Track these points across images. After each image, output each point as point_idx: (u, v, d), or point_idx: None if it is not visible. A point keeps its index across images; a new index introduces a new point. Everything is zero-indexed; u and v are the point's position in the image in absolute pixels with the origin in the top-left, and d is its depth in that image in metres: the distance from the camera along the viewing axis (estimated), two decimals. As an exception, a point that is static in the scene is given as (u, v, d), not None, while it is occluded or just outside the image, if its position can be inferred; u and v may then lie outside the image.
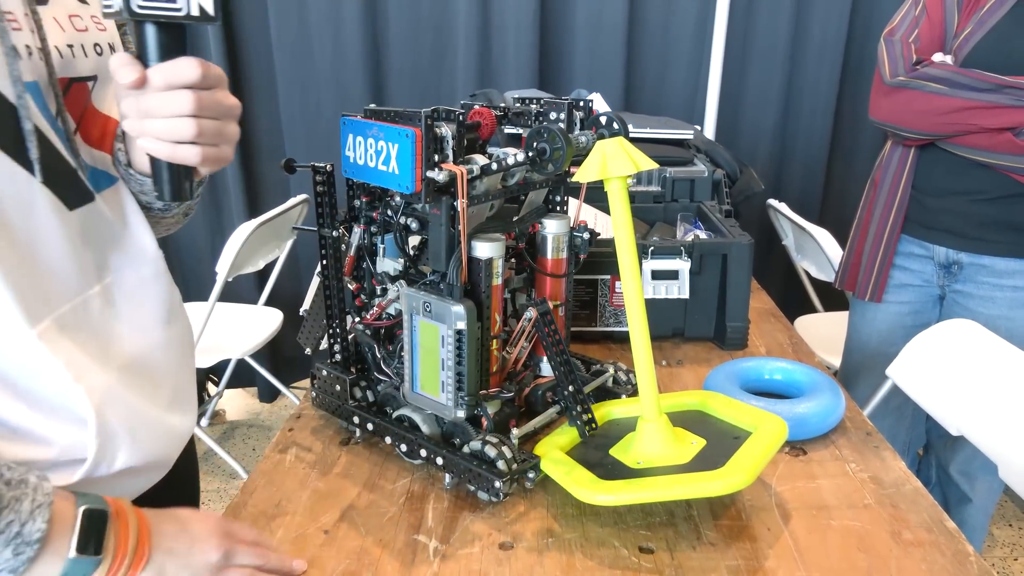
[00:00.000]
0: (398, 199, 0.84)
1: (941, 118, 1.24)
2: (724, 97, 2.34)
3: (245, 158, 2.38)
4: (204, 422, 2.56)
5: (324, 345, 0.98)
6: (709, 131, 2.37)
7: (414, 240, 0.86)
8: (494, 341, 0.84)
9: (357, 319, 0.92)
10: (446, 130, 0.76)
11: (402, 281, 0.86)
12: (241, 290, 2.51)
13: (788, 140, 2.41)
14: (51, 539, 0.53)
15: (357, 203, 0.89)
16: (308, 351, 1.03)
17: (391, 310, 0.89)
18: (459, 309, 0.77)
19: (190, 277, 2.51)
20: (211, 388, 2.66)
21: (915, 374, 1.23)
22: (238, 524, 0.71)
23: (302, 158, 2.31)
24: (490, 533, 0.77)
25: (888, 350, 1.42)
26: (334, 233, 0.89)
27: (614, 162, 0.73)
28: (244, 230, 1.82)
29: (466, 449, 0.81)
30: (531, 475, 0.80)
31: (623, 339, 1.25)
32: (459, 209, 0.76)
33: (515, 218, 0.90)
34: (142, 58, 0.58)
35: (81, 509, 0.55)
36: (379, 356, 0.90)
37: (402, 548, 0.75)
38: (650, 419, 0.80)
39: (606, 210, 1.41)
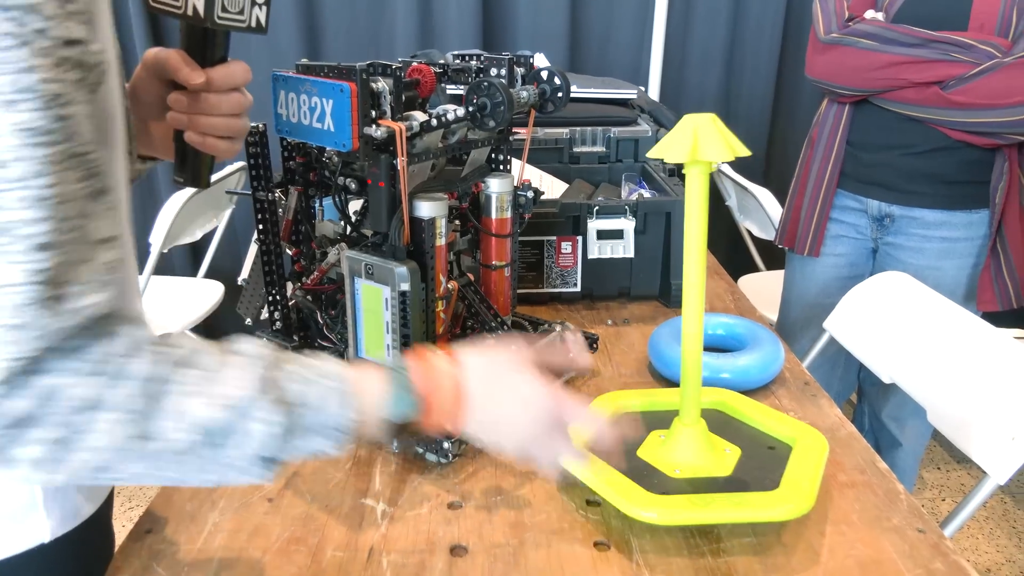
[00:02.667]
0: (335, 159, 0.81)
1: (872, 73, 1.26)
2: (668, 58, 2.35)
3: (177, 124, 2.29)
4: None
5: (265, 314, 0.96)
6: (653, 92, 2.37)
7: (355, 203, 0.84)
8: (440, 302, 0.83)
9: (297, 285, 0.90)
10: (383, 85, 0.74)
11: (342, 244, 0.84)
12: (178, 263, 2.43)
13: (731, 101, 2.44)
14: (362, 427, 0.54)
15: (292, 164, 0.86)
16: (248, 321, 1.00)
17: (332, 274, 0.88)
18: (402, 270, 0.76)
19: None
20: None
21: (850, 326, 1.27)
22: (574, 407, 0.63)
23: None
24: (439, 494, 0.77)
25: (825, 301, 1.47)
26: (269, 196, 0.86)
27: (708, 145, 0.64)
28: (178, 199, 1.76)
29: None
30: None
31: (570, 300, 1.25)
32: (399, 167, 0.74)
33: (459, 178, 0.89)
34: (201, 59, 0.64)
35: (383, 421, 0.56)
36: (322, 322, 0.88)
37: (349, 512, 0.74)
38: (688, 423, 0.76)
39: (550, 171, 1.40)
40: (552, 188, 1.38)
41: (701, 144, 0.65)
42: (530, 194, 0.91)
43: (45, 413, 0.43)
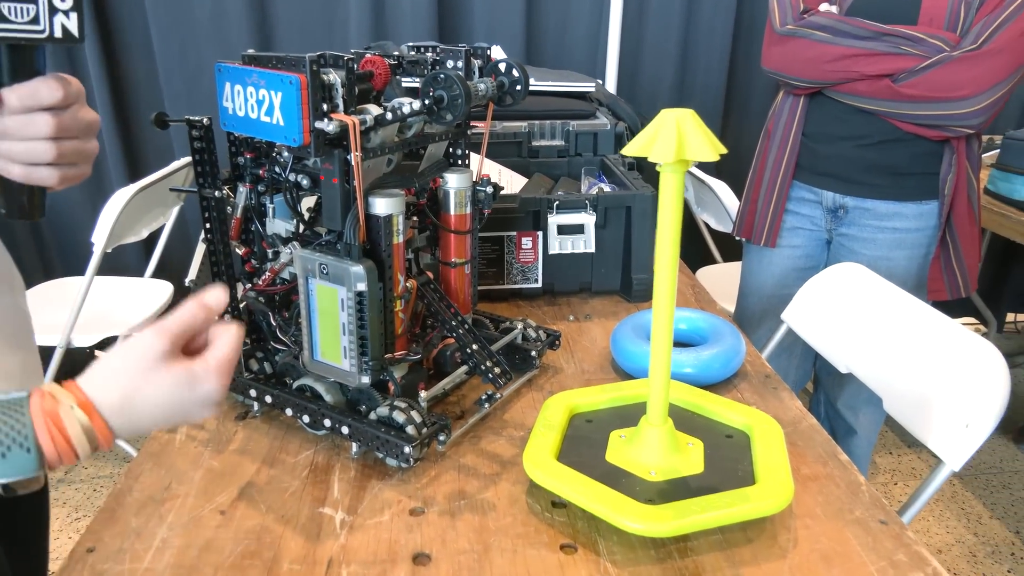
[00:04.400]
0: (286, 154, 0.78)
1: (826, 65, 1.27)
2: (624, 51, 2.34)
3: (122, 120, 2.21)
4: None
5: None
6: (610, 85, 2.37)
7: (308, 200, 0.81)
8: (398, 302, 0.81)
9: (248, 286, 0.86)
10: (334, 77, 0.71)
11: (295, 243, 0.81)
12: (127, 262, 2.34)
13: (685, 94, 2.45)
14: None
15: (241, 160, 0.82)
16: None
17: (285, 274, 0.84)
18: (358, 270, 0.73)
19: (68, 250, 2.32)
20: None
21: (807, 317, 1.28)
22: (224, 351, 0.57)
23: (184, 114, 2.15)
24: (400, 500, 0.75)
25: (782, 292, 1.48)
26: (216, 194, 0.82)
27: (694, 143, 0.61)
28: (121, 197, 1.69)
29: (373, 416, 0.78)
30: (442, 438, 0.78)
31: (531, 296, 1.24)
32: (353, 163, 0.71)
33: (418, 173, 0.86)
34: None
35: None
36: (274, 324, 0.85)
37: (306, 523, 0.72)
38: (656, 423, 0.75)
39: (509, 165, 1.38)
40: (511, 183, 1.37)
41: (686, 142, 0.62)
42: (489, 189, 0.89)
43: None
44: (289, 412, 0.83)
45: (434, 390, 0.84)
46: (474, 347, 0.84)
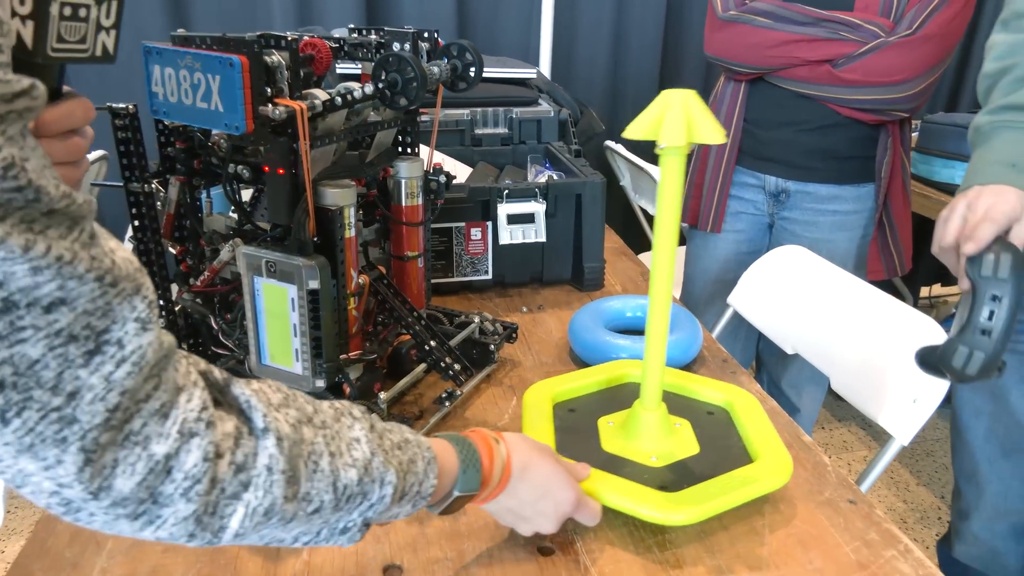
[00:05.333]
0: (224, 143, 0.72)
1: (767, 51, 1.28)
2: (557, 37, 2.32)
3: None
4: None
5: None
6: (545, 71, 2.34)
7: (246, 192, 0.75)
8: (351, 299, 0.76)
9: (184, 287, 0.80)
10: (278, 59, 0.65)
11: (237, 239, 0.75)
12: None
13: (619, 81, 2.45)
14: (433, 497, 0.54)
15: (172, 151, 0.75)
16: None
17: (226, 274, 0.78)
18: (310, 266, 0.68)
19: None
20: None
21: (752, 300, 1.29)
22: (588, 508, 0.65)
23: (97, 102, 2.01)
24: (373, 557, 0.70)
25: (726, 277, 1.49)
26: (145, 188, 0.75)
27: (702, 126, 0.59)
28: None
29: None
30: (403, 441, 0.74)
31: (482, 288, 1.20)
32: (301, 151, 0.66)
33: (366, 162, 0.82)
34: None
35: (456, 494, 0.56)
36: (216, 328, 0.78)
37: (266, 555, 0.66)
38: (651, 408, 0.73)
39: (453, 154, 1.34)
40: (455, 172, 1.32)
41: (695, 125, 0.59)
42: (442, 178, 0.85)
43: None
44: (236, 422, 0.77)
45: (393, 390, 0.80)
46: (432, 343, 0.80)
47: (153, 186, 0.77)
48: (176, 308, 0.81)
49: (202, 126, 0.65)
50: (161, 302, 0.80)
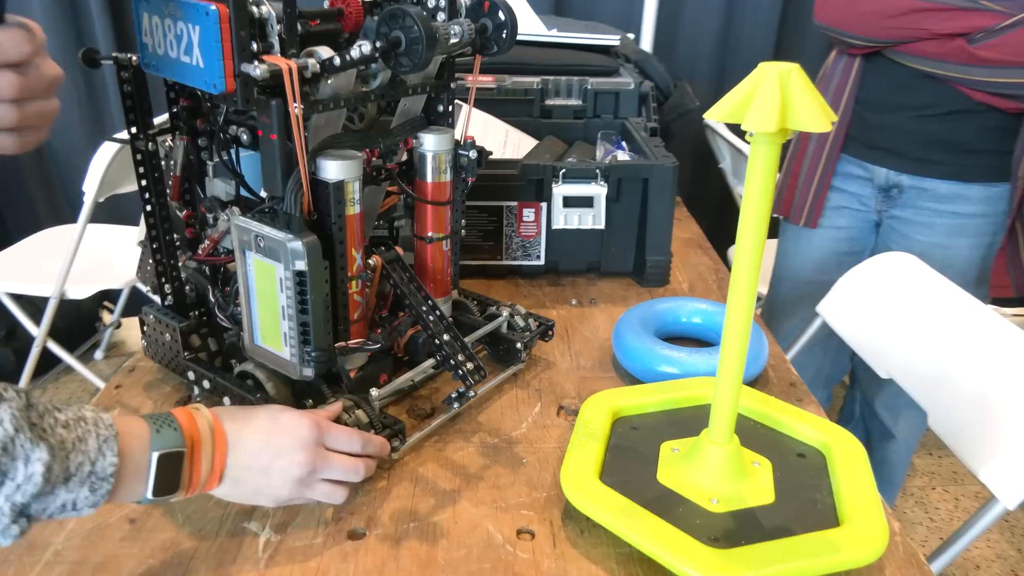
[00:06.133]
0: (224, 103, 0.65)
1: (888, 21, 1.09)
2: (663, 3, 2.15)
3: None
4: (99, 354, 2.36)
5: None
6: (646, 41, 2.18)
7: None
8: (353, 283, 0.69)
9: (188, 255, 0.75)
10: (268, 10, 0.57)
11: (234, 208, 0.69)
12: (132, 211, 2.26)
13: (729, 53, 2.25)
14: (124, 476, 0.50)
15: (178, 109, 0.70)
16: (147, 290, 0.85)
17: (227, 243, 0.72)
18: (296, 246, 0.61)
19: (74, 196, 2.25)
20: (106, 318, 2.45)
21: (845, 311, 1.13)
22: (336, 427, 0.62)
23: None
24: (340, 518, 0.64)
25: (820, 278, 1.32)
26: (150, 146, 0.70)
27: (803, 108, 0.48)
28: (111, 146, 1.59)
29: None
30: (394, 443, 0.67)
31: (532, 274, 1.11)
32: (291, 117, 0.58)
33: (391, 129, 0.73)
34: None
35: (154, 457, 0.52)
36: (213, 300, 0.73)
37: (225, 541, 0.61)
38: (719, 441, 0.63)
39: (519, 125, 1.24)
40: (519, 145, 1.22)
41: (792, 107, 0.48)
42: (473, 154, 0.75)
43: None
44: (227, 401, 0.72)
45: (394, 385, 0.72)
46: (445, 337, 0.72)
47: (164, 144, 0.72)
48: (184, 276, 0.77)
49: (186, 82, 0.59)
50: (166, 268, 0.76)
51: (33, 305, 1.97)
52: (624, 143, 1.23)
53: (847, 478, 0.64)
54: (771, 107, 0.48)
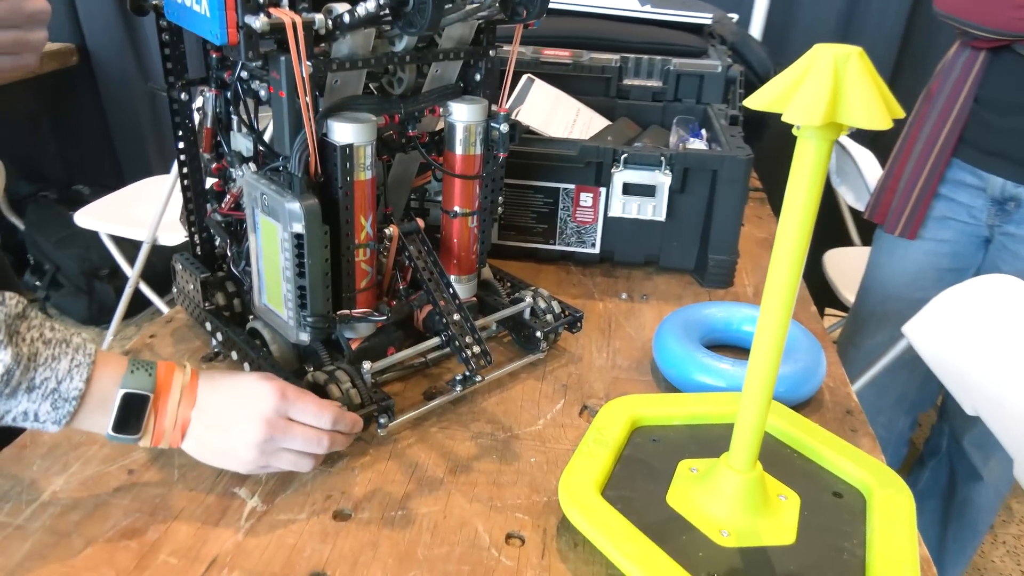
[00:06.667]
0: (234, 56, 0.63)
1: (1019, 12, 0.95)
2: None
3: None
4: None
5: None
6: (756, 25, 2.03)
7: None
8: (361, 251, 0.66)
9: (213, 208, 0.74)
10: (282, -43, 0.54)
11: (251, 164, 0.67)
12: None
13: (851, 39, 2.06)
14: (89, 403, 0.52)
15: (210, 60, 0.69)
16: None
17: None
18: (294, 207, 0.58)
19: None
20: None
21: (935, 335, 1.01)
22: (302, 399, 0.60)
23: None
24: (329, 495, 0.61)
25: (913, 295, 1.19)
26: (183, 96, 0.70)
27: (857, 100, 0.40)
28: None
29: (308, 379, 0.64)
30: (381, 420, 0.64)
31: (585, 262, 1.05)
32: (297, 74, 0.55)
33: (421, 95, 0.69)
34: None
35: (120, 393, 0.53)
36: (229, 255, 0.72)
37: (211, 504, 0.60)
38: (740, 468, 0.56)
39: (593, 104, 1.17)
40: (589, 125, 1.16)
41: (845, 98, 0.40)
42: (505, 128, 0.70)
43: None
44: (234, 356, 0.71)
45: (391, 359, 0.69)
46: (455, 317, 0.68)
47: (206, 95, 0.71)
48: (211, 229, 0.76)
49: (194, 32, 0.57)
50: (194, 218, 0.75)
51: (133, 248, 2.08)
52: (703, 131, 1.14)
53: (886, 528, 0.56)
54: (819, 97, 0.41)
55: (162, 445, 0.57)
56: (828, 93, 0.40)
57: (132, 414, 0.54)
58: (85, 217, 1.97)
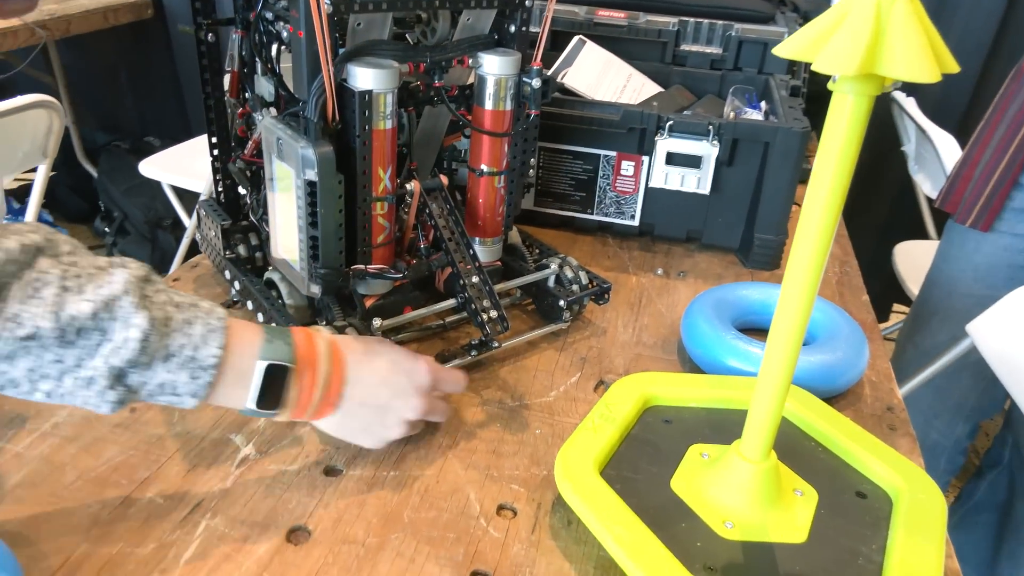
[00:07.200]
0: (272, -5, 0.62)
1: None
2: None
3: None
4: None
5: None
6: (838, -2, 1.91)
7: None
8: (379, 205, 0.63)
9: (236, 153, 0.73)
10: None
11: (271, 109, 0.65)
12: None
13: (947, 9, 1.91)
14: (226, 374, 0.48)
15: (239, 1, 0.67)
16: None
17: (270, 148, 0.70)
18: (308, 153, 0.56)
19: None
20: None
21: (1002, 337, 0.93)
22: (445, 374, 0.60)
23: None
24: (323, 450, 0.60)
25: (982, 292, 1.11)
26: (209, 37, 0.68)
27: (900, 47, 0.35)
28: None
29: (317, 335, 0.63)
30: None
31: (623, 234, 1.00)
32: (314, 12, 0.53)
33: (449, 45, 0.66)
34: None
35: (261, 366, 0.49)
36: (248, 203, 0.71)
37: (206, 448, 0.59)
38: (752, 457, 0.52)
39: (648, 70, 1.12)
40: (640, 91, 1.11)
41: (884, 44, 0.35)
42: (537, 83, 0.67)
43: None
44: (249, 306, 0.70)
45: (402, 318, 0.67)
46: (473, 279, 0.65)
47: (233, 37, 0.70)
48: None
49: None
50: (218, 164, 0.75)
51: (194, 200, 2.13)
52: (762, 103, 1.07)
53: (911, 535, 0.51)
54: (857, 43, 0.36)
55: (301, 418, 0.53)
56: (867, 39, 0.35)
57: (275, 387, 0.50)
58: (149, 167, 2.02)
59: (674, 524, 0.51)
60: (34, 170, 1.54)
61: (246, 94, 0.71)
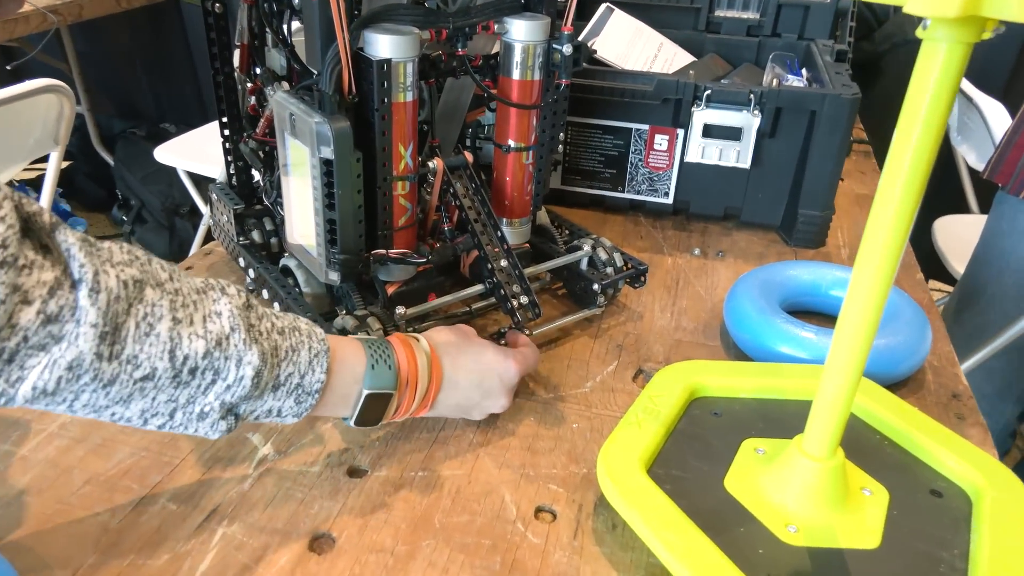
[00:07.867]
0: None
1: None
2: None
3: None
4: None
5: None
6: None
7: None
8: (400, 184, 0.59)
9: (247, 133, 0.69)
10: None
11: (283, 83, 0.61)
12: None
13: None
14: (329, 397, 0.48)
15: (246, -34, 0.62)
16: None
17: (284, 126, 0.65)
18: (323, 128, 0.52)
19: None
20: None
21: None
22: (529, 361, 0.59)
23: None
24: (346, 448, 0.56)
25: (1038, 273, 1.04)
26: (216, 8, 0.64)
27: None
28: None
29: (337, 324, 0.59)
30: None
31: (657, 213, 0.95)
32: (328, -29, 0.48)
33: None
34: None
35: (364, 393, 0.49)
36: (261, 185, 0.67)
37: (221, 449, 0.56)
38: (817, 455, 0.47)
39: (680, 39, 1.06)
40: (672, 61, 1.05)
41: None
42: (568, 49, 0.61)
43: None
44: (265, 294, 0.66)
45: (426, 306, 0.62)
46: (501, 263, 0.60)
47: (244, 5, 0.65)
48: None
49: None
50: (229, 145, 0.70)
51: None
52: (803, 71, 1.00)
53: (998, 539, 0.46)
54: None
55: (398, 420, 0.55)
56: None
57: (376, 409, 0.51)
58: (164, 153, 1.99)
59: (731, 528, 0.47)
60: (47, 158, 1.51)
61: (256, 69, 0.67)
